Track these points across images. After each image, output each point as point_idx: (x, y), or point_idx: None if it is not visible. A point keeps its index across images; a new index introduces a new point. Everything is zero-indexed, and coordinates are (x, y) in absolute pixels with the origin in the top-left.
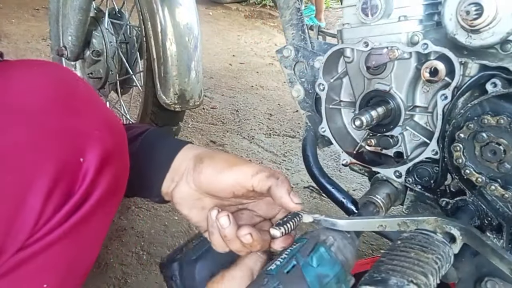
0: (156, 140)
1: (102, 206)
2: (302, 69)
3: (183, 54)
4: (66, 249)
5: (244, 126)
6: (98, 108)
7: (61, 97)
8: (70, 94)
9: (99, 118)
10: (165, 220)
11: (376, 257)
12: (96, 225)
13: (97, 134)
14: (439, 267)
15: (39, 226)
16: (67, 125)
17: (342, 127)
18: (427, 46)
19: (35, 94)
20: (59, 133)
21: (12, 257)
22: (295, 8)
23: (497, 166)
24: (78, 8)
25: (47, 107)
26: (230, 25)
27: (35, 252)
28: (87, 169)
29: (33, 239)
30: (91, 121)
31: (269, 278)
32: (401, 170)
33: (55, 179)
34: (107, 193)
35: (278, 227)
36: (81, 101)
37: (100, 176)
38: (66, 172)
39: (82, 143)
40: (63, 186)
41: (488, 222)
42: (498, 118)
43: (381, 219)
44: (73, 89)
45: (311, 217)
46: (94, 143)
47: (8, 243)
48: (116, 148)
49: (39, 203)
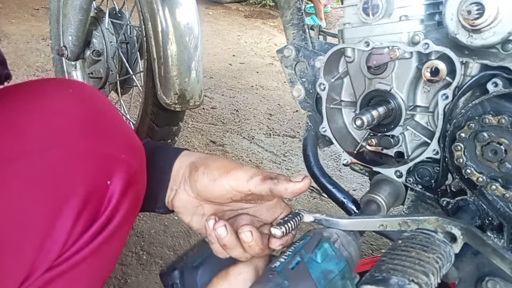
0: (153, 152)
1: (123, 225)
2: (303, 69)
3: (183, 54)
4: (90, 267)
5: (244, 126)
6: (124, 130)
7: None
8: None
9: (125, 141)
10: (165, 220)
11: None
12: (117, 243)
13: (123, 157)
14: (440, 266)
15: (68, 246)
16: (97, 148)
17: (343, 127)
18: (428, 46)
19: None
20: (90, 156)
21: (41, 276)
22: (296, 8)
23: (498, 166)
24: (79, 8)
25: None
26: (230, 25)
27: (63, 271)
28: (113, 192)
29: (62, 259)
30: (118, 144)
31: (274, 275)
32: (402, 170)
33: (84, 200)
34: (128, 214)
35: (279, 226)
36: (109, 123)
37: (123, 198)
38: (94, 194)
39: (110, 167)
40: (91, 207)
41: (489, 221)
42: (499, 117)
43: (382, 219)
44: (102, 111)
45: (312, 216)
46: (120, 167)
47: (39, 262)
48: (139, 171)
49: (70, 224)
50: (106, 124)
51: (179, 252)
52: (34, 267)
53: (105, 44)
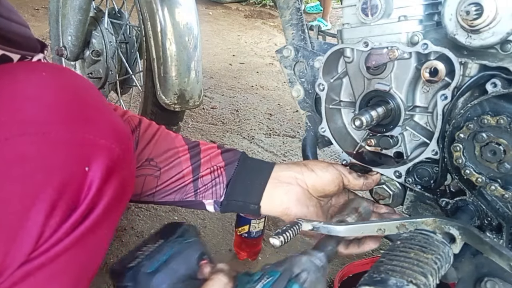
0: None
1: (108, 214)
2: (302, 69)
3: (182, 54)
4: (74, 258)
5: (244, 126)
6: (105, 115)
7: (68, 104)
8: (76, 100)
9: (106, 126)
10: (165, 220)
11: (376, 257)
12: (103, 233)
13: (103, 143)
14: (438, 267)
15: (45, 237)
16: (73, 134)
17: (342, 127)
18: (427, 46)
19: (43, 101)
20: (64, 144)
21: (16, 270)
22: (295, 8)
23: (497, 166)
24: (78, 8)
25: (53, 115)
26: (230, 25)
27: (42, 264)
28: (93, 179)
29: (39, 252)
30: (97, 129)
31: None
32: (401, 170)
33: (60, 190)
34: (113, 201)
35: (278, 236)
36: (88, 107)
37: (106, 185)
38: (70, 183)
39: (88, 153)
40: (68, 197)
41: (488, 222)
42: (498, 118)
43: (380, 223)
44: (80, 95)
45: (310, 224)
46: (100, 153)
47: (12, 256)
48: (123, 157)
49: (44, 214)
50: (83, 109)
51: None
52: (7, 261)
53: (105, 44)
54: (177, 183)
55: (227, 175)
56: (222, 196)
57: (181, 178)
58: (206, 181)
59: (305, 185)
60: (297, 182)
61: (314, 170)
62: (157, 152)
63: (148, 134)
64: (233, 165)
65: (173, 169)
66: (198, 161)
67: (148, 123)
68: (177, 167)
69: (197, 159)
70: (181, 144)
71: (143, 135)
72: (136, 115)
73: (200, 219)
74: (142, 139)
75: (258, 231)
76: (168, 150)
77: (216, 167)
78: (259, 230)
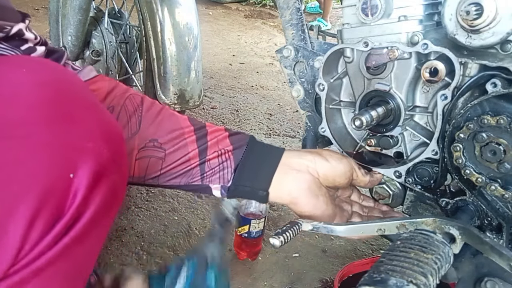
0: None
1: (97, 223)
2: (302, 69)
3: (182, 54)
4: (59, 272)
5: (244, 126)
6: (93, 114)
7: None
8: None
9: (93, 125)
10: (165, 220)
11: (376, 257)
12: (91, 243)
13: (90, 146)
14: (438, 267)
15: (25, 251)
16: (55, 137)
17: (342, 127)
18: (427, 46)
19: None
20: (46, 147)
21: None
22: (295, 8)
23: (497, 166)
24: (78, 8)
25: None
26: (230, 25)
27: (24, 279)
28: (78, 186)
29: (18, 267)
30: (84, 131)
31: None
32: (401, 170)
33: (41, 200)
34: (102, 209)
35: (278, 236)
36: (73, 107)
37: (93, 192)
38: (53, 191)
39: (73, 158)
40: (51, 207)
41: (488, 222)
42: (498, 118)
43: (380, 223)
44: (64, 94)
45: (310, 225)
46: (86, 156)
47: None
48: (113, 160)
49: (23, 226)
50: (67, 108)
51: (179, 252)
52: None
53: (105, 44)
54: (183, 166)
55: (235, 159)
56: (230, 181)
57: (187, 161)
58: (213, 165)
59: (317, 173)
60: (308, 170)
61: (328, 159)
62: (161, 132)
63: (151, 113)
64: (241, 149)
65: (178, 151)
66: (205, 143)
67: (151, 102)
68: (183, 149)
69: (203, 141)
70: (187, 124)
71: (146, 114)
72: (138, 93)
73: (200, 219)
74: (144, 118)
75: (258, 231)
76: (173, 130)
77: (224, 150)
78: (259, 230)
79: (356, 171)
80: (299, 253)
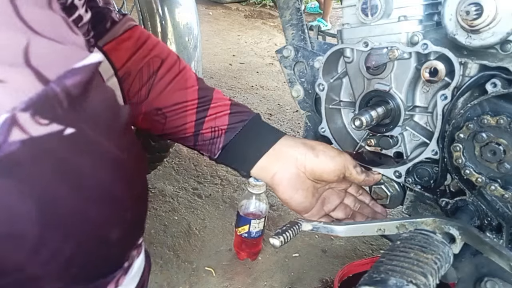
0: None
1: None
2: (302, 69)
3: (182, 54)
4: None
5: None
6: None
7: None
8: None
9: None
10: (165, 220)
11: (376, 257)
12: None
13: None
14: (438, 267)
15: None
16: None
17: (342, 127)
18: (427, 46)
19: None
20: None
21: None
22: (295, 8)
23: (497, 166)
24: None
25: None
26: (230, 25)
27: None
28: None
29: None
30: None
31: None
32: (401, 170)
33: None
34: None
35: (277, 236)
36: None
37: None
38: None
39: None
40: None
41: (488, 222)
42: (498, 118)
43: (380, 223)
44: None
45: (310, 225)
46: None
47: None
48: None
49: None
50: None
51: (179, 252)
52: None
53: None
54: (180, 132)
55: (225, 139)
56: (216, 156)
57: (184, 129)
58: (205, 138)
59: (303, 168)
60: (296, 163)
61: (319, 156)
62: (167, 103)
63: (163, 82)
64: (235, 130)
65: (177, 120)
66: (203, 118)
67: (167, 68)
68: (182, 119)
69: (202, 115)
70: (193, 97)
71: (157, 83)
72: (163, 52)
73: (200, 219)
74: (154, 88)
75: (258, 231)
76: (178, 103)
77: (218, 128)
78: (259, 230)
79: (350, 169)
80: (299, 253)
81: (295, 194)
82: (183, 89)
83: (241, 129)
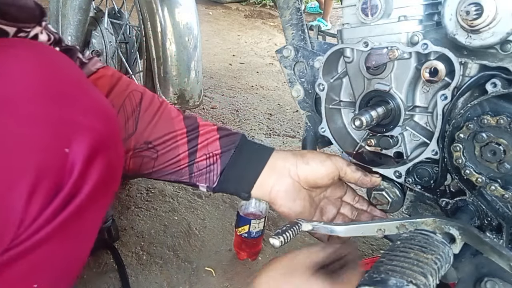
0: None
1: (95, 199)
2: (302, 69)
3: (182, 54)
4: (58, 246)
5: (244, 126)
6: (88, 94)
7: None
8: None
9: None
10: (165, 220)
11: (376, 257)
12: (89, 219)
13: (84, 122)
14: (438, 267)
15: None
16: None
17: (342, 127)
18: (427, 46)
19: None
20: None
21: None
22: (295, 8)
23: (497, 166)
24: (78, 8)
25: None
26: (230, 25)
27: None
28: (74, 160)
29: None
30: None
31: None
32: (401, 170)
33: (38, 175)
34: (99, 185)
35: (277, 236)
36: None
37: (90, 168)
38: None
39: (67, 132)
40: (48, 181)
41: (488, 222)
42: (498, 118)
43: (380, 223)
44: (60, 73)
45: (310, 225)
46: (81, 132)
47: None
48: (108, 137)
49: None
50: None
51: (179, 252)
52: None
53: (105, 44)
54: (173, 166)
55: (222, 163)
56: (215, 183)
57: (177, 162)
58: (201, 167)
59: (297, 177)
60: (289, 174)
61: (309, 163)
62: (156, 135)
63: (148, 114)
64: (229, 153)
65: (170, 152)
66: (195, 146)
67: (149, 101)
68: (174, 150)
69: (194, 143)
70: (180, 127)
71: (143, 116)
72: (139, 87)
73: (200, 219)
74: (141, 120)
75: (258, 231)
76: (167, 134)
77: (212, 154)
78: (259, 230)
79: (344, 169)
80: None
81: (293, 205)
82: (170, 119)
83: (234, 151)
